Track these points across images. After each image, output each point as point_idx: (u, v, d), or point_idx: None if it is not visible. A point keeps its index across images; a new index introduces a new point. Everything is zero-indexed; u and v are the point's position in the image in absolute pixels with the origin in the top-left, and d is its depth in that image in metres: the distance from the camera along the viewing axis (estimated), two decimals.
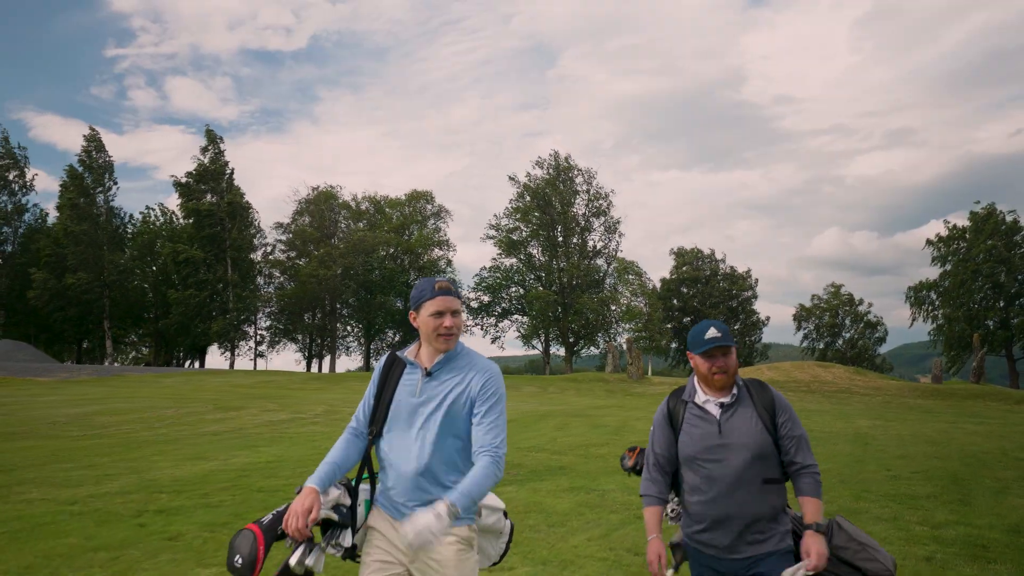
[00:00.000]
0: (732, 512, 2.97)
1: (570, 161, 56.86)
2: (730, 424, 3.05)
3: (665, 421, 3.23)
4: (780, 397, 3.14)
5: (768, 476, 3.01)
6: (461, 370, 2.88)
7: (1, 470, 9.30)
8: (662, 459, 3.21)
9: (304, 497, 2.62)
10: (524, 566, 5.95)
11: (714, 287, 67.31)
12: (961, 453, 13.02)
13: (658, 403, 20.21)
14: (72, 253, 47.09)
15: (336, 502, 2.76)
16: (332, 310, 57.19)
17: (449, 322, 2.82)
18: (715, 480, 3.01)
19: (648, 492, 3.22)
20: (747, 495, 2.96)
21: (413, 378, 2.90)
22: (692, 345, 3.13)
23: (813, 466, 3.05)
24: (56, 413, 15.28)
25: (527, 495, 8.70)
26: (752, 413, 3.06)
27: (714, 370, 3.06)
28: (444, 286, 2.87)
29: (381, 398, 2.94)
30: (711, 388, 3.13)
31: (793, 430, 3.06)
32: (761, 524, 2.97)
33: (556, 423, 17.34)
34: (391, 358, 3.03)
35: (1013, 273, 57.63)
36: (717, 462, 3.01)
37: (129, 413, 15.87)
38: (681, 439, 3.14)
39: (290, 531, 2.56)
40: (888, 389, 32.72)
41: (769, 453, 3.02)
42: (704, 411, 3.11)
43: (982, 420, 21.97)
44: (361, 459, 2.92)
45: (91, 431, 13.07)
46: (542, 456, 12.20)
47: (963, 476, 10.48)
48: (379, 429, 2.90)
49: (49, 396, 19.55)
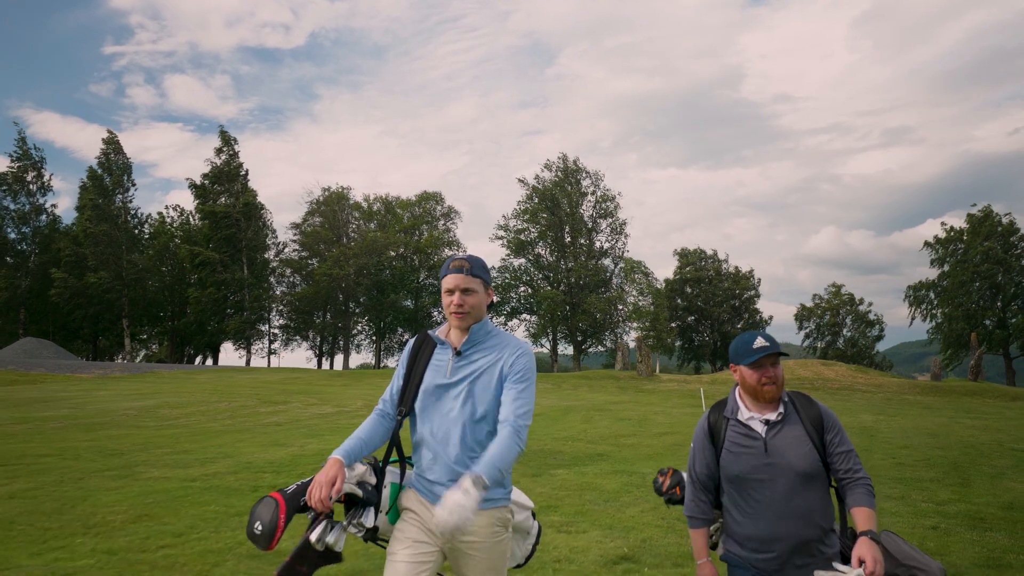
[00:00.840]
0: (780, 534, 2.86)
1: (578, 163, 58.18)
2: (776, 443, 2.92)
3: (706, 438, 3.10)
4: (828, 412, 3.03)
5: (816, 496, 2.90)
6: (492, 349, 2.87)
7: (113, 454, 10.48)
8: (704, 478, 3.10)
9: (329, 468, 2.58)
10: (594, 529, 7.10)
11: (718, 287, 68.51)
12: (960, 444, 14.07)
13: (669, 399, 21.95)
14: (92, 253, 48.24)
15: (361, 478, 2.72)
16: (346, 309, 58.41)
17: (458, 299, 2.81)
18: (761, 501, 2.91)
19: (693, 514, 3.13)
20: (795, 517, 2.85)
21: (443, 358, 2.88)
22: (738, 356, 3.01)
23: (865, 477, 2.93)
24: (120, 407, 16.43)
25: (577, 477, 9.87)
26: (800, 431, 2.95)
27: (764, 380, 2.94)
28: (457, 264, 2.85)
29: (411, 378, 2.92)
30: (759, 401, 3.00)
31: (842, 445, 2.95)
32: (810, 547, 2.86)
33: (581, 416, 18.53)
34: (421, 337, 3.02)
35: (1010, 274, 58.74)
36: (763, 482, 2.90)
37: (186, 407, 17.03)
38: (724, 458, 3.01)
39: (313, 502, 2.52)
40: (889, 386, 33.76)
41: (817, 473, 2.90)
42: (749, 429, 2.99)
43: (979, 415, 23.00)
44: (389, 440, 2.90)
45: (163, 422, 14.21)
46: (579, 445, 13.34)
47: (962, 463, 11.55)
48: (408, 409, 2.88)
49: (100, 391, 20.68)
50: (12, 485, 8.13)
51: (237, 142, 53.67)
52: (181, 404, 17.30)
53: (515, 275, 58.89)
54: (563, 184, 57.20)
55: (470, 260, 2.86)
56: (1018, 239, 59.32)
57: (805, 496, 2.86)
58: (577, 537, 6.76)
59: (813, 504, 2.86)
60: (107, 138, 51.26)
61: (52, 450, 10.42)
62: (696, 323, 69.59)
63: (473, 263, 2.85)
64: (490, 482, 2.54)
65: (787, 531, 2.84)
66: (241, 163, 53.76)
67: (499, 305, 59.02)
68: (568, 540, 6.63)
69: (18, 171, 50.49)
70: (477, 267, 2.86)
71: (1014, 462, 12.03)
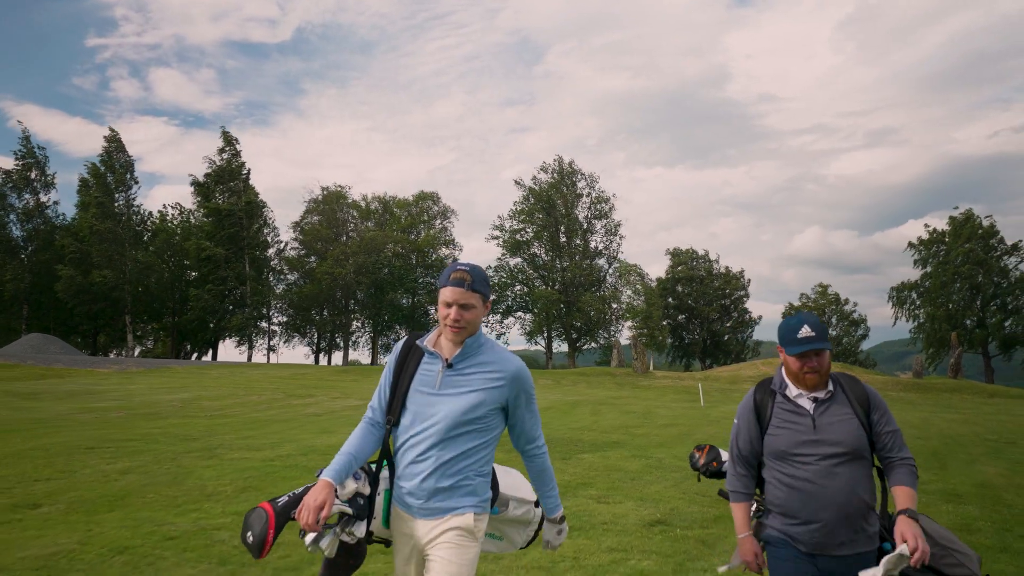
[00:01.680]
0: (824, 509, 2.88)
1: (573, 166, 59.70)
2: (824, 420, 2.96)
3: (752, 415, 3.14)
4: (874, 392, 3.06)
5: (861, 474, 2.93)
6: (486, 365, 2.83)
7: (187, 439, 11.67)
8: (748, 453, 3.15)
9: (318, 492, 2.61)
10: (628, 501, 8.36)
11: (708, 287, 70.23)
12: (940, 435, 15.50)
13: (666, 395, 23.79)
14: (98, 251, 49.15)
15: (353, 494, 2.76)
16: (346, 306, 59.59)
17: (455, 315, 2.77)
18: (806, 477, 2.92)
19: (736, 488, 3.17)
20: (840, 494, 2.87)
21: (432, 368, 2.83)
22: (784, 341, 3.02)
23: (910, 458, 2.97)
24: (161, 399, 17.57)
25: (601, 460, 11.15)
26: (848, 409, 2.99)
27: (806, 370, 2.97)
28: (458, 276, 2.80)
29: (397, 387, 2.88)
30: (803, 387, 3.03)
31: (889, 425, 2.99)
32: (853, 522, 2.89)
33: (589, 410, 19.85)
34: (409, 344, 2.96)
35: (990, 275, 60.34)
36: (810, 458, 2.93)
37: (222, 399, 18.20)
38: (771, 433, 3.04)
39: (302, 524, 2.58)
40: (873, 383, 35.19)
41: (863, 450, 2.94)
42: (797, 405, 3.02)
43: (958, 411, 24.46)
44: (380, 448, 2.88)
45: (210, 412, 15.35)
46: (593, 434, 14.62)
47: (941, 451, 12.94)
48: (396, 418, 2.84)
49: (131, 385, 21.75)
50: (119, 464, 9.32)
51: (239, 142, 54.77)
52: (216, 397, 18.46)
53: (511, 274, 60.26)
54: (559, 186, 58.67)
55: (472, 273, 2.81)
56: (997, 241, 61.01)
57: (850, 473, 2.89)
58: (615, 506, 8.02)
59: (857, 481, 2.89)
60: (109, 136, 52.12)
61: (132, 435, 11.58)
62: (687, 321, 71.24)
63: (475, 277, 2.80)
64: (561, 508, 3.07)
65: (831, 506, 2.87)
66: (243, 162, 54.87)
67: (495, 303, 60.30)
68: (608, 508, 7.89)
69: (22, 169, 51.27)
70: (478, 281, 2.81)
71: (987, 450, 13.51)
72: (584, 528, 7.02)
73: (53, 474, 8.60)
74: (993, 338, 60.26)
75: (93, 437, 11.39)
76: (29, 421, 12.67)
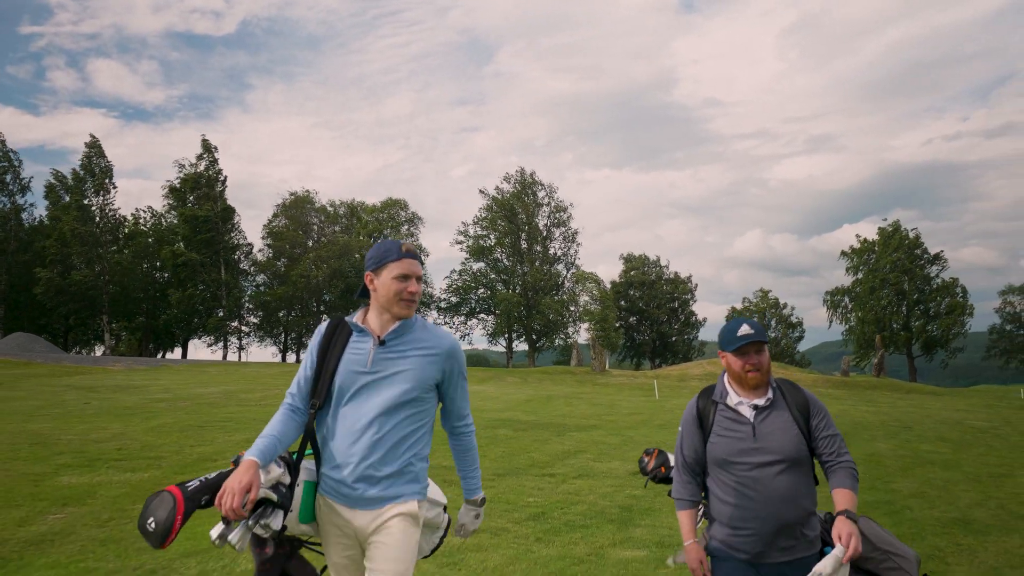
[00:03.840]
0: (764, 516, 2.91)
1: (535, 177, 63.44)
2: (764, 427, 2.98)
3: (695, 422, 3.15)
4: (813, 398, 3.09)
5: (801, 480, 2.96)
6: (420, 341, 2.76)
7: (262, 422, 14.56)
8: (691, 461, 3.15)
9: (243, 472, 2.43)
10: (615, 460, 11.65)
11: (658, 290, 74.83)
12: (851, 422, 18.46)
13: (623, 391, 28.70)
14: (77, 253, 50.97)
15: (276, 480, 2.59)
16: (317, 308, 62.20)
17: (414, 287, 2.72)
18: (747, 484, 2.94)
19: (681, 495, 3.17)
20: (779, 500, 2.90)
21: (363, 347, 2.72)
22: (724, 343, 3.07)
23: (849, 461, 3.00)
24: (198, 392, 20.25)
25: (587, 436, 14.47)
26: (787, 416, 3.00)
27: (748, 367, 2.99)
28: (411, 248, 2.76)
29: (323, 368, 2.73)
30: (744, 388, 3.05)
31: (828, 429, 3.02)
32: (793, 530, 2.92)
33: (563, 402, 23.21)
34: (335, 322, 2.84)
35: (914, 282, 65.41)
36: (750, 466, 2.94)
37: (252, 392, 20.87)
38: (712, 441, 3.06)
39: (224, 510, 2.38)
40: (804, 381, 38.85)
41: (803, 457, 2.96)
42: (737, 413, 3.04)
43: (874, 403, 27.62)
44: (303, 434, 2.75)
45: (255, 403, 18.08)
46: (574, 419, 17.91)
47: (848, 433, 15.58)
48: (322, 402, 2.71)
49: (159, 381, 24.05)
50: (234, 436, 12.25)
51: (218, 150, 56.94)
52: (243, 391, 21.17)
53: (474, 278, 63.63)
54: (520, 195, 62.31)
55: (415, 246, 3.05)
56: (921, 251, 66.14)
57: (790, 480, 2.90)
58: (606, 464, 11.36)
59: (797, 488, 2.92)
60: (90, 142, 53.81)
61: (210, 420, 14.39)
62: (637, 323, 75.64)
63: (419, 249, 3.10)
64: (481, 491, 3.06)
65: (771, 513, 2.88)
66: (221, 169, 57.09)
67: (458, 305, 63.54)
68: (601, 465, 11.22)
69: None
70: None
71: (886, 432, 16.40)
72: (587, 476, 10.28)
73: (200, 443, 11.46)
74: (917, 340, 65.01)
75: (200, 419, 14.19)
76: (121, 409, 15.36)
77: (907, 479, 10.51)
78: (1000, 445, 15.02)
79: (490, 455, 11.50)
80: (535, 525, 7.20)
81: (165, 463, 9.69)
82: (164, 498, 2.42)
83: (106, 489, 8.03)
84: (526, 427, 15.52)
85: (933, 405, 28.09)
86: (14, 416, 13.76)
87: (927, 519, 7.97)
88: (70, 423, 12.91)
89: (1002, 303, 71.66)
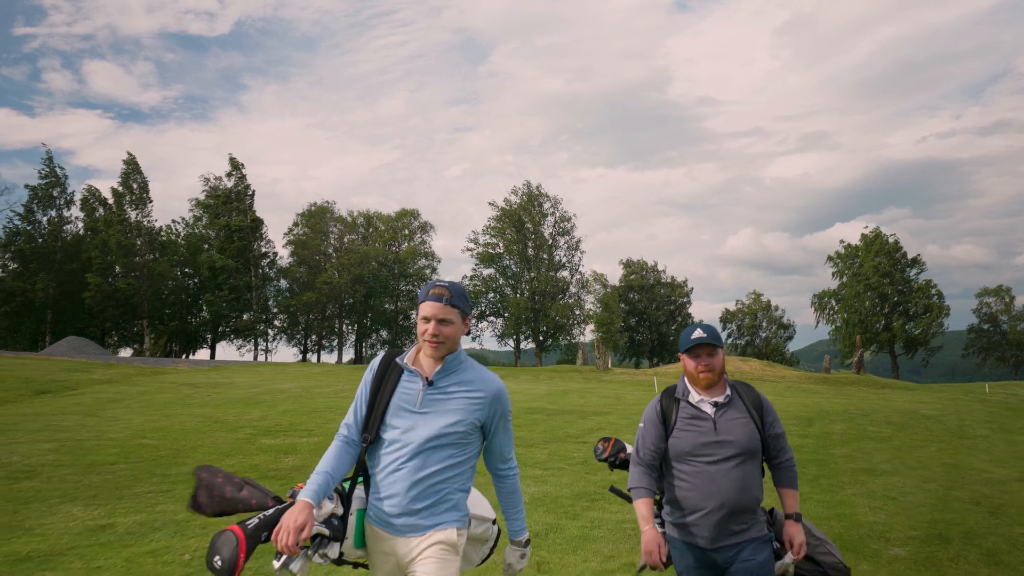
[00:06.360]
0: (720, 501, 3.16)
1: (540, 189, 68.00)
2: (724, 422, 3.24)
3: (658, 419, 3.38)
4: (765, 398, 3.37)
5: (753, 472, 3.25)
6: (467, 384, 2.87)
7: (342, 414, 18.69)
8: (651, 455, 3.34)
9: (298, 513, 2.60)
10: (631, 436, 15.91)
11: (656, 293, 79.44)
12: (818, 411, 20.27)
13: (626, 387, 34.68)
14: (122, 263, 55.70)
15: (329, 515, 2.77)
16: (340, 311, 66.80)
17: (434, 329, 2.79)
18: (707, 475, 3.20)
19: (640, 484, 3.33)
20: (734, 488, 3.17)
21: (412, 387, 2.85)
22: (680, 345, 3.34)
23: (791, 459, 3.36)
24: (276, 388, 24.24)
25: (604, 420, 18.43)
26: (744, 412, 3.28)
27: (700, 368, 3.25)
28: (437, 292, 2.83)
29: (375, 404, 2.87)
30: (698, 386, 3.31)
31: (775, 427, 3.33)
32: (745, 515, 3.21)
33: (577, 395, 26.93)
34: (387, 360, 2.96)
35: (895, 285, 69.17)
36: (710, 458, 3.20)
37: (322, 388, 24.73)
38: (675, 435, 3.29)
39: (280, 547, 2.55)
40: (790, 378, 40.63)
41: (757, 450, 3.25)
42: (699, 410, 3.28)
43: (849, 397, 29.50)
44: (355, 465, 2.89)
45: (333, 398, 22.06)
46: (590, 408, 21.70)
47: (814, 419, 17.84)
48: (373, 436, 2.85)
49: (237, 378, 27.76)
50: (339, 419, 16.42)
51: (244, 166, 61.62)
52: (313, 387, 25.20)
53: (485, 283, 68.24)
54: (527, 207, 66.86)
55: (451, 288, 2.86)
56: (901, 256, 69.98)
57: (744, 470, 3.21)
58: (624, 436, 15.43)
59: (750, 477, 3.23)
60: (127, 159, 58.26)
61: (316, 407, 18.52)
62: (637, 324, 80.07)
63: (453, 292, 2.85)
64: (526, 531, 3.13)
65: (726, 499, 3.17)
66: (248, 184, 61.88)
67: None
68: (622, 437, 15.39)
69: (47, 187, 56.96)
70: (457, 296, 2.85)
71: (844, 418, 18.33)
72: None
73: (327, 421, 15.56)
74: (898, 340, 68.69)
75: (308, 406, 18.27)
76: (244, 399, 19.36)
77: (844, 447, 13.61)
78: (935, 427, 17.23)
79: (536, 431, 15.56)
80: (582, 471, 11.37)
81: (318, 432, 13.97)
82: (228, 537, 2.54)
83: (302, 447, 12.34)
84: (554, 413, 19.12)
85: (900, 398, 29.43)
86: (163, 408, 17.96)
87: (845, 469, 11.68)
88: (222, 410, 17.13)
89: (979, 304, 75.83)
